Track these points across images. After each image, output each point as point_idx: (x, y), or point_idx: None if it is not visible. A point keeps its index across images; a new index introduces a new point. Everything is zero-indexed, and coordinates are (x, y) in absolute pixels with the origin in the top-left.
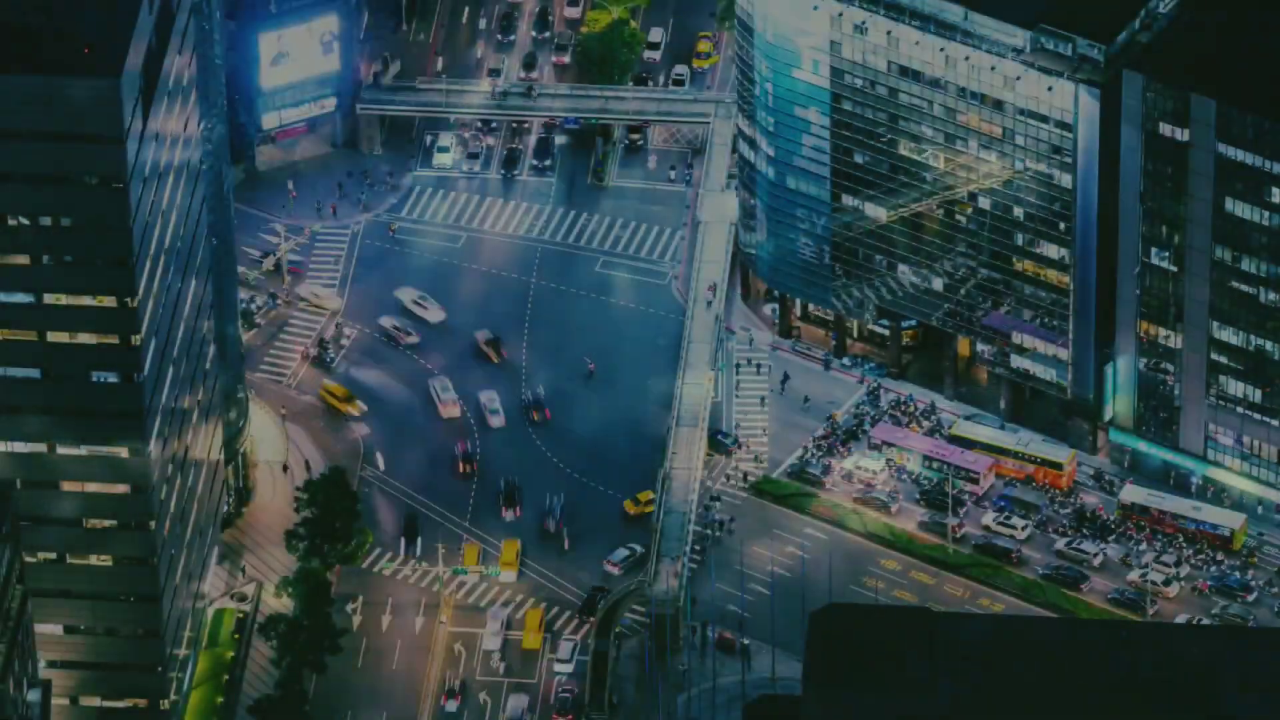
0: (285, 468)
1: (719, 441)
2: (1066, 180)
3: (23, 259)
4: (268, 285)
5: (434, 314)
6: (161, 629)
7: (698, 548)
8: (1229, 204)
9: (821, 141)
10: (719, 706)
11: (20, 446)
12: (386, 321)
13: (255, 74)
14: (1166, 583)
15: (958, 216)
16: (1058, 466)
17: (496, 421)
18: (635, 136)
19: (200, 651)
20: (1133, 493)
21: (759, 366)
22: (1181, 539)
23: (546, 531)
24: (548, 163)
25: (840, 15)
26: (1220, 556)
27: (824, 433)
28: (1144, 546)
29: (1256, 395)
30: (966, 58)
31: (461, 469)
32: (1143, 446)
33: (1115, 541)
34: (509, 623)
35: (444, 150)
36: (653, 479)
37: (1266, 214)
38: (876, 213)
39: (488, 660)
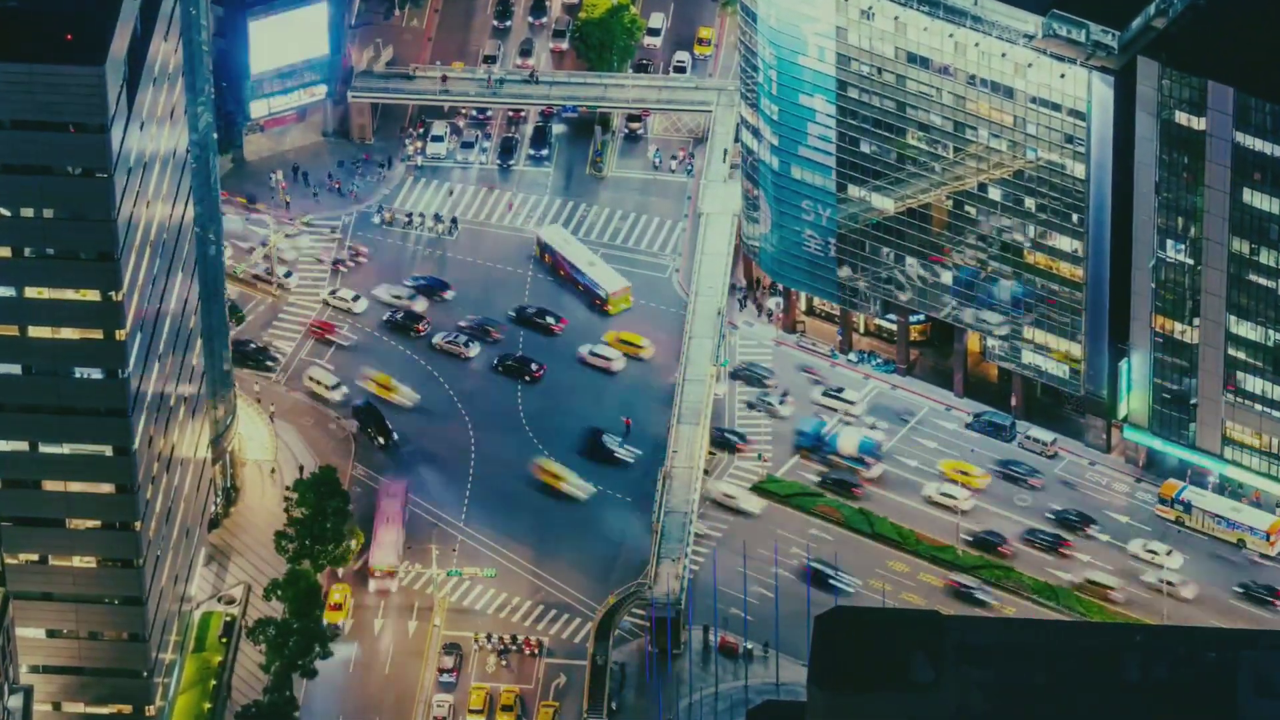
0: (273, 470)
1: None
2: (1079, 170)
3: (4, 251)
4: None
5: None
6: (147, 632)
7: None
8: (1247, 195)
9: (827, 130)
10: (721, 712)
11: (1, 445)
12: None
13: (244, 61)
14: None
15: (967, 208)
16: None
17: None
18: (635, 125)
19: (187, 656)
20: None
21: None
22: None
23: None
24: (545, 152)
25: (846, 0)
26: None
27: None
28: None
29: (1276, 391)
30: (976, 44)
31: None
32: (1158, 444)
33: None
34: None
35: (438, 139)
36: (653, 479)
37: None
38: (883, 204)
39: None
